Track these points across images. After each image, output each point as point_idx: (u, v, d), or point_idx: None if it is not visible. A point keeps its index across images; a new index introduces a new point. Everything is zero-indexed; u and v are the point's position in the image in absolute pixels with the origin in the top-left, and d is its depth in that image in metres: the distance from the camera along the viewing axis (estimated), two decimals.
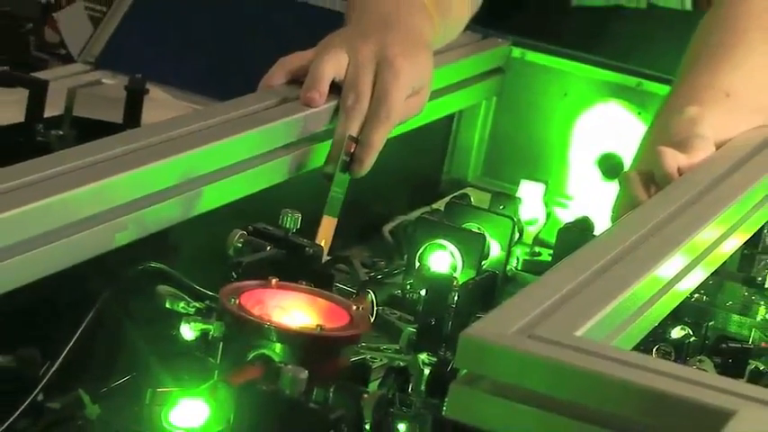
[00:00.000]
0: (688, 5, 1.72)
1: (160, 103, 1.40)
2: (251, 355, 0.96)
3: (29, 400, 0.96)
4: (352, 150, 1.24)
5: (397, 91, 1.26)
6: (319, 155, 1.27)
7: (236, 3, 1.69)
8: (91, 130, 1.29)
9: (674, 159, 1.23)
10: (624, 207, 1.24)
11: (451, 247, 1.25)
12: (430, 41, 1.34)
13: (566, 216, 1.45)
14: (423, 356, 1.04)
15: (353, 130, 1.24)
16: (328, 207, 1.23)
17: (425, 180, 1.61)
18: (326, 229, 1.23)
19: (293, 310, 1.01)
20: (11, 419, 0.95)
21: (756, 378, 1.18)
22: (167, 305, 1.02)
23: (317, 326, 0.99)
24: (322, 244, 1.20)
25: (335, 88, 1.26)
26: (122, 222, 1.06)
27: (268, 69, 1.30)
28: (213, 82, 1.53)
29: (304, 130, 1.25)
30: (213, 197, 1.16)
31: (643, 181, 1.24)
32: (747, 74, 1.38)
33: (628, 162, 1.38)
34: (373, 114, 1.25)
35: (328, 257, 1.18)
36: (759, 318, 1.27)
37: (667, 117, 1.33)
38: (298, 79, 1.27)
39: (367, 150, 1.25)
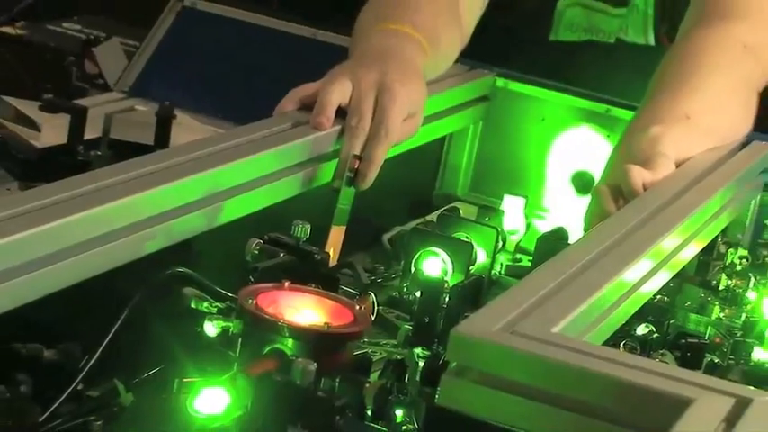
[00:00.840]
0: (651, 41, 1.72)
1: (186, 127, 1.40)
2: (266, 350, 0.95)
3: (70, 388, 0.96)
4: (356, 167, 1.24)
5: (395, 113, 1.25)
6: (327, 172, 1.27)
7: (252, 39, 1.69)
8: (125, 151, 1.29)
9: (639, 176, 1.23)
10: (595, 217, 1.24)
11: (443, 254, 1.25)
12: (423, 72, 1.34)
13: (543, 226, 1.45)
14: (417, 350, 1.03)
15: (357, 149, 1.24)
16: (336, 218, 1.23)
17: (420, 195, 1.61)
18: (335, 237, 1.22)
19: (303, 309, 1.01)
20: (55, 405, 0.94)
21: (712, 370, 1.18)
22: (192, 305, 1.01)
23: (325, 323, 0.99)
24: (331, 251, 1.20)
25: (341, 113, 1.26)
26: (152, 232, 1.06)
27: (282, 97, 1.30)
28: (233, 108, 1.52)
29: (313, 150, 1.25)
30: (233, 210, 1.15)
31: (612, 194, 1.24)
32: (704, 100, 1.39)
33: (597, 179, 1.38)
34: (374, 134, 1.25)
35: (335, 263, 1.17)
36: (714, 316, 1.27)
37: (633, 135, 1.33)
38: (308, 106, 1.27)
39: (369, 166, 1.24)
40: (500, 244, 1.33)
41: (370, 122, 1.25)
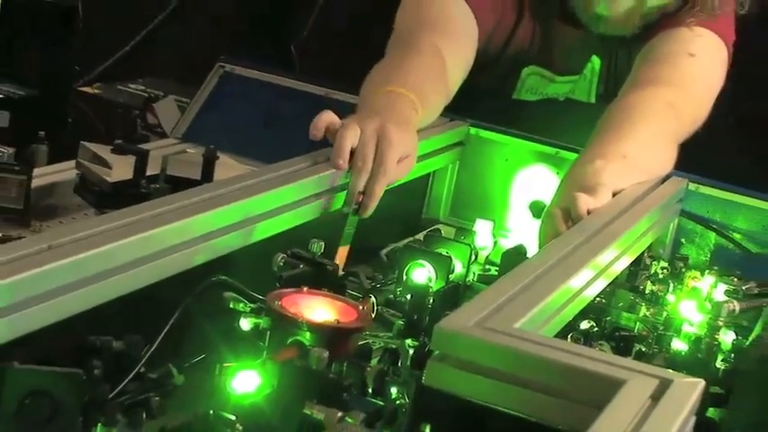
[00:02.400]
0: (593, 99, 1.73)
1: (227, 165, 1.39)
2: (289, 341, 0.95)
3: (134, 371, 0.96)
4: (360, 200, 1.24)
5: (391, 157, 1.25)
6: (337, 201, 1.27)
7: (278, 96, 1.69)
8: (178, 185, 1.28)
9: (585, 203, 1.23)
10: (548, 236, 1.24)
11: (428, 265, 1.24)
12: (415, 123, 1.34)
13: (507, 244, 1.44)
14: (408, 341, 1.03)
15: (360, 186, 1.24)
16: (343, 239, 1.23)
17: (410, 219, 1.60)
18: (342, 254, 1.22)
19: (318, 309, 1.00)
20: (122, 385, 0.94)
21: (640, 357, 1.18)
22: (230, 306, 1.01)
23: (335, 320, 0.99)
24: (340, 264, 1.20)
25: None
26: (199, 249, 1.06)
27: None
28: (264, 150, 1.52)
29: (326, 184, 1.25)
30: (263, 231, 1.15)
31: (562, 216, 1.24)
32: (637, 144, 1.39)
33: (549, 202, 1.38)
34: (374, 173, 1.24)
35: (343, 272, 1.17)
36: (641, 314, 1.27)
37: (580, 168, 1.33)
38: (330, 127, 1.27)
39: (370, 199, 1.24)
40: (473, 257, 1.33)
41: (372, 164, 1.25)
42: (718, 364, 1.15)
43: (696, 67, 1.54)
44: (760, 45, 1.85)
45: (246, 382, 0.89)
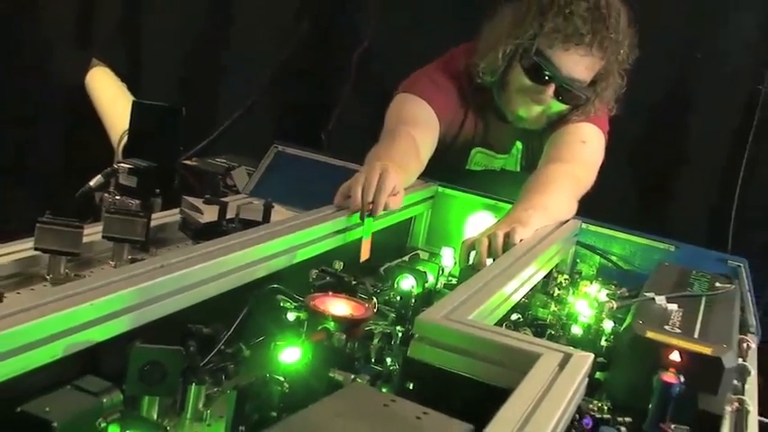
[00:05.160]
0: (519, 170, 1.73)
1: (279, 212, 1.39)
2: (319, 328, 0.95)
3: (216, 348, 0.95)
4: (370, 207, 1.24)
5: (389, 180, 1.26)
6: (351, 235, 1.26)
7: (314, 166, 1.69)
8: (247, 225, 1.28)
9: (519, 234, 1.24)
10: (467, 248, 1.25)
11: (411, 277, 1.23)
12: (400, 174, 1.35)
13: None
14: (398, 328, 1.03)
15: (370, 197, 1.24)
16: (364, 234, 1.22)
17: (399, 247, 1.59)
18: (365, 245, 1.22)
19: (339, 306, 1.00)
20: (208, 357, 0.94)
21: (550, 338, 1.16)
22: (281, 304, 1.01)
23: (350, 314, 0.98)
24: (363, 255, 1.20)
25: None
26: (260, 267, 1.06)
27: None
28: (304, 201, 1.52)
29: (345, 225, 1.25)
30: (302, 255, 1.15)
31: (485, 243, 1.24)
32: (552, 199, 1.40)
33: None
34: (378, 189, 1.25)
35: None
36: (551, 310, 1.26)
37: (517, 212, 1.34)
38: (345, 194, 1.28)
39: (377, 206, 1.24)
40: (441, 272, 1.32)
41: (376, 186, 1.25)
42: (603, 343, 1.15)
43: (586, 149, 1.55)
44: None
45: (291, 355, 0.89)
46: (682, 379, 0.91)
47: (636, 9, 1.56)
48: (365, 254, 1.20)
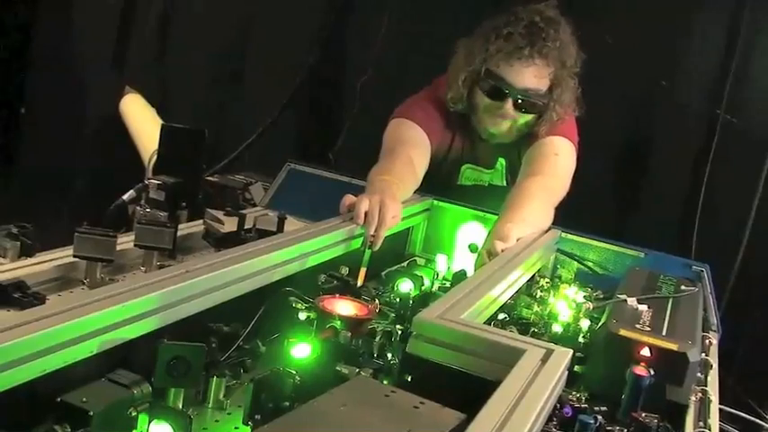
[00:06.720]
0: (504, 184, 1.73)
1: (292, 223, 1.39)
2: (327, 326, 0.94)
3: (235, 345, 0.95)
4: (371, 240, 1.24)
5: (388, 215, 1.25)
6: (355, 244, 1.26)
7: (323, 182, 1.69)
8: (263, 234, 1.28)
9: (500, 246, 1.23)
10: (479, 265, 1.23)
11: (409, 281, 1.24)
12: (398, 197, 1.35)
13: (455, 268, 1.44)
14: (398, 326, 1.03)
15: (371, 232, 1.24)
16: (362, 264, 1.22)
17: (398, 254, 1.59)
18: (362, 274, 1.21)
19: (345, 307, 1.00)
20: (228, 353, 0.93)
21: (534, 336, 1.16)
22: (293, 305, 1.01)
23: (355, 314, 0.98)
24: (359, 281, 1.19)
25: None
26: (275, 272, 1.05)
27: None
28: (314, 213, 1.51)
29: (350, 234, 1.24)
30: (312, 261, 1.14)
31: (487, 255, 1.24)
32: (531, 211, 1.39)
33: (480, 245, 1.37)
34: (379, 224, 1.24)
35: (359, 286, 1.16)
36: (534, 310, 1.25)
37: (498, 225, 1.33)
38: (349, 204, 1.27)
39: (377, 239, 1.24)
40: (436, 277, 1.32)
41: (377, 219, 1.24)
42: (580, 339, 1.14)
43: (559, 162, 1.55)
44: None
45: (302, 351, 0.89)
46: (652, 372, 0.91)
47: (609, 36, 1.57)
48: (361, 280, 1.20)
